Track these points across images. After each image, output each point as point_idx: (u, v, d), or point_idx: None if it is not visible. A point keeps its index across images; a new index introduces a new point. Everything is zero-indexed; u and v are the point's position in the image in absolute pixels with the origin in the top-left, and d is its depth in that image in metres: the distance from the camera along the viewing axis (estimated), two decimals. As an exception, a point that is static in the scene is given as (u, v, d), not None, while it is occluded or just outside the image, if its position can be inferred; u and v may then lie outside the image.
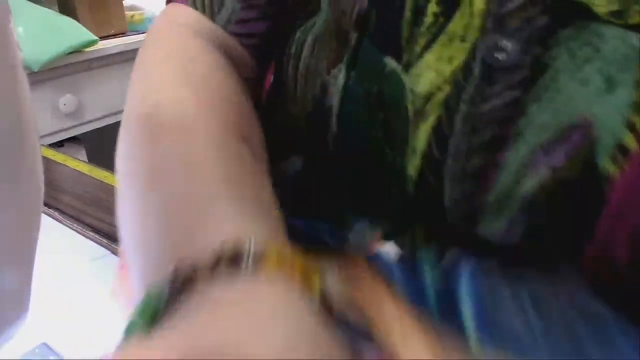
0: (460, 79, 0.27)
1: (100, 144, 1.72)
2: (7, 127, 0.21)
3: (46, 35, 1.20)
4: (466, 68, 0.27)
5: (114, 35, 1.43)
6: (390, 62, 0.29)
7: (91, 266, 0.51)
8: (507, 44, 0.26)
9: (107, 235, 0.52)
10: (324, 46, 0.33)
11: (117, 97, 1.42)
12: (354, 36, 0.31)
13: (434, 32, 0.28)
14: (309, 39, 0.34)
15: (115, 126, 1.52)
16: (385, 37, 0.30)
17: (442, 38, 0.28)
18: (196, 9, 0.36)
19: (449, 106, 0.27)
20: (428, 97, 0.28)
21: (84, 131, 1.41)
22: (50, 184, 0.64)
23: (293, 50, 0.35)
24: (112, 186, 0.62)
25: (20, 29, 1.18)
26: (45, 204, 0.60)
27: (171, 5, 0.39)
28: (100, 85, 1.39)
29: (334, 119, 0.32)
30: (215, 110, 0.31)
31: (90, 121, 1.40)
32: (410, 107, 0.28)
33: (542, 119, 0.25)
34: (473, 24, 0.27)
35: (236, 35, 0.36)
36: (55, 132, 1.35)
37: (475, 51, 0.27)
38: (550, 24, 0.25)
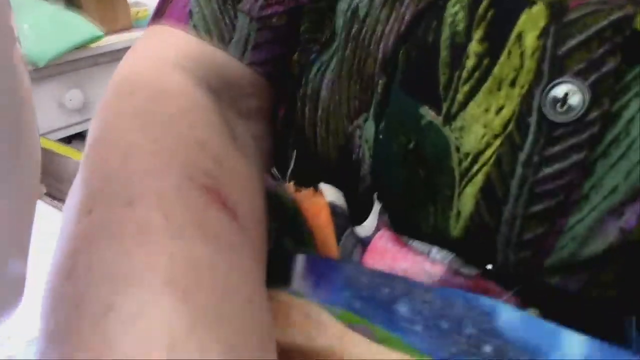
0: (513, 135, 0.23)
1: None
2: (6, 120, 0.20)
3: (52, 31, 1.21)
4: (520, 120, 0.22)
5: (119, 31, 1.44)
6: (427, 113, 0.24)
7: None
8: (570, 94, 0.21)
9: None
10: (344, 89, 0.28)
11: (122, 92, 1.42)
12: (380, 82, 0.26)
13: (477, 77, 0.23)
14: (327, 79, 0.30)
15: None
16: (418, 83, 0.25)
17: (489, 83, 0.23)
18: (199, 36, 0.31)
19: (501, 167, 0.23)
20: (476, 156, 0.23)
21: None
22: (54, 175, 0.64)
23: (309, 89, 0.31)
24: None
25: (26, 25, 1.18)
26: (50, 195, 0.60)
27: (156, 28, 0.33)
28: (106, 80, 1.38)
29: (366, 172, 0.28)
30: (179, 158, 0.24)
31: (97, 117, 1.41)
32: (455, 167, 0.24)
33: (611, 180, 0.22)
34: (525, 66, 0.22)
35: (251, 63, 0.32)
36: (62, 128, 1.35)
37: (530, 99, 0.22)
38: (619, 66, 0.21)
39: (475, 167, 0.24)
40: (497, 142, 0.23)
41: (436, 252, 0.26)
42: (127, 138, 0.25)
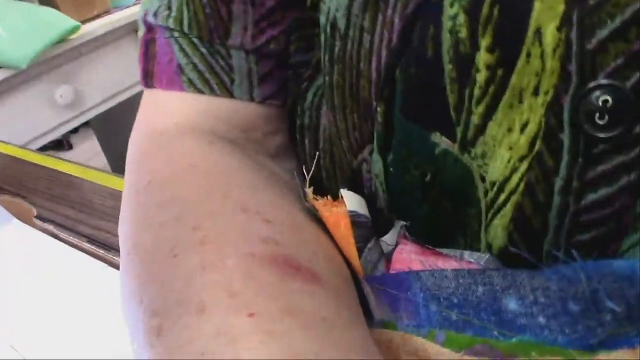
0: (544, 155, 0.18)
1: (109, 126, 1.71)
2: None
3: (28, 30, 1.17)
4: (550, 137, 0.18)
5: (99, 16, 1.40)
6: (440, 140, 0.21)
7: (87, 282, 0.50)
8: (609, 100, 0.17)
9: (104, 245, 0.51)
10: (340, 120, 0.25)
11: (112, 78, 1.39)
12: (379, 109, 0.22)
13: (493, 93, 0.19)
14: (324, 109, 0.26)
15: (119, 106, 1.50)
16: (423, 107, 0.21)
17: (507, 96, 0.19)
18: (197, 89, 0.28)
19: (534, 195, 0.19)
20: (502, 184, 0.20)
21: (86, 120, 1.40)
22: (40, 192, 0.63)
23: (307, 120, 0.28)
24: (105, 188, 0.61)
25: (0, 29, 1.15)
26: (41, 218, 0.59)
27: (150, 95, 0.30)
28: (93, 69, 1.37)
29: (382, 207, 0.24)
30: (230, 236, 0.22)
31: (92, 108, 1.39)
32: (482, 198, 0.20)
33: None
34: (547, 68, 0.17)
35: (264, 99, 0.29)
36: (58, 126, 1.34)
37: (559, 110, 0.18)
38: None
39: (502, 197, 0.20)
40: (524, 165, 0.19)
41: (469, 255, 0.22)
42: (163, 235, 0.22)
